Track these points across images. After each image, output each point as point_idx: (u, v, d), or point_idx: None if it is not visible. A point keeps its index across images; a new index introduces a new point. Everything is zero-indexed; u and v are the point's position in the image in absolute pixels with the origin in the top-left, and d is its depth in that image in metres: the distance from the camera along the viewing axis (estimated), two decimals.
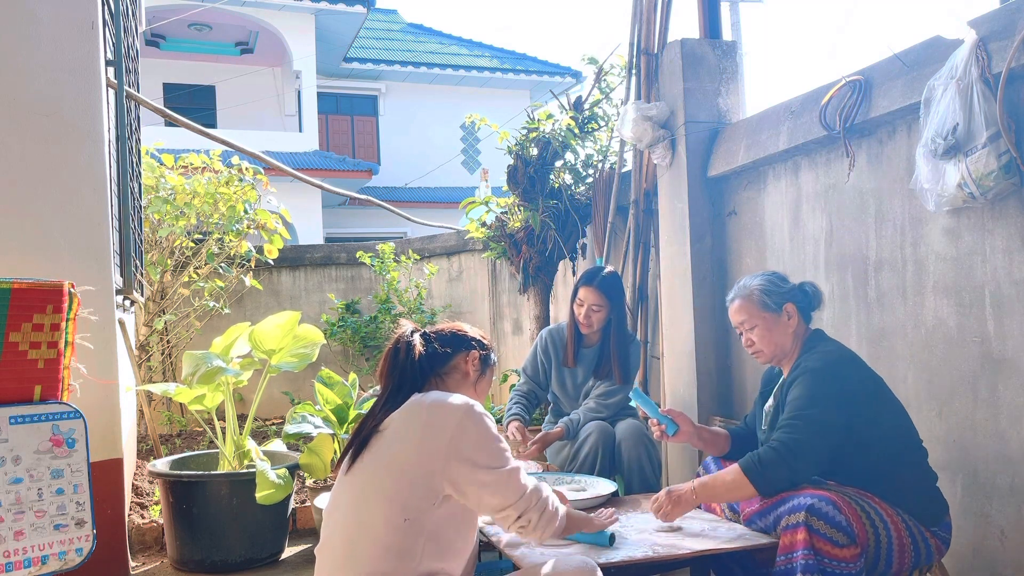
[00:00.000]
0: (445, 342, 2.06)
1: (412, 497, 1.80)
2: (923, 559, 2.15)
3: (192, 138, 6.24)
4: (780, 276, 2.47)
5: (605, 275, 3.32)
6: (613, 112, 4.70)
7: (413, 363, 1.99)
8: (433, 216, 9.28)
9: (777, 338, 2.39)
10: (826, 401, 2.18)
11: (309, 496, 4.02)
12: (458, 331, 2.11)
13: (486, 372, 2.12)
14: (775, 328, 2.39)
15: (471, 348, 2.08)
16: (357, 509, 1.84)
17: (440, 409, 1.86)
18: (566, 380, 3.45)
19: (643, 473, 3.13)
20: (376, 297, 7.03)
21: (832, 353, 2.29)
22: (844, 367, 2.26)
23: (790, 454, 2.14)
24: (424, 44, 18.29)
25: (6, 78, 2.93)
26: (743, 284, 2.47)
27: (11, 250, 2.91)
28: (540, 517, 1.89)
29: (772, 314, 2.39)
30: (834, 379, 2.22)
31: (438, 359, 2.03)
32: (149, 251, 5.52)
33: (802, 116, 3.10)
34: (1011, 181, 2.25)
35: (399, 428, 1.86)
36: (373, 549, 1.78)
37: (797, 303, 2.40)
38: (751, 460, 2.20)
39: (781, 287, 2.42)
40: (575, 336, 3.41)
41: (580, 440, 3.18)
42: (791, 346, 2.40)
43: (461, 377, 2.06)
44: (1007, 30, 2.24)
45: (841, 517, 2.03)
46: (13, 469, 1.87)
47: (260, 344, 3.65)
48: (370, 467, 1.86)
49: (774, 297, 2.40)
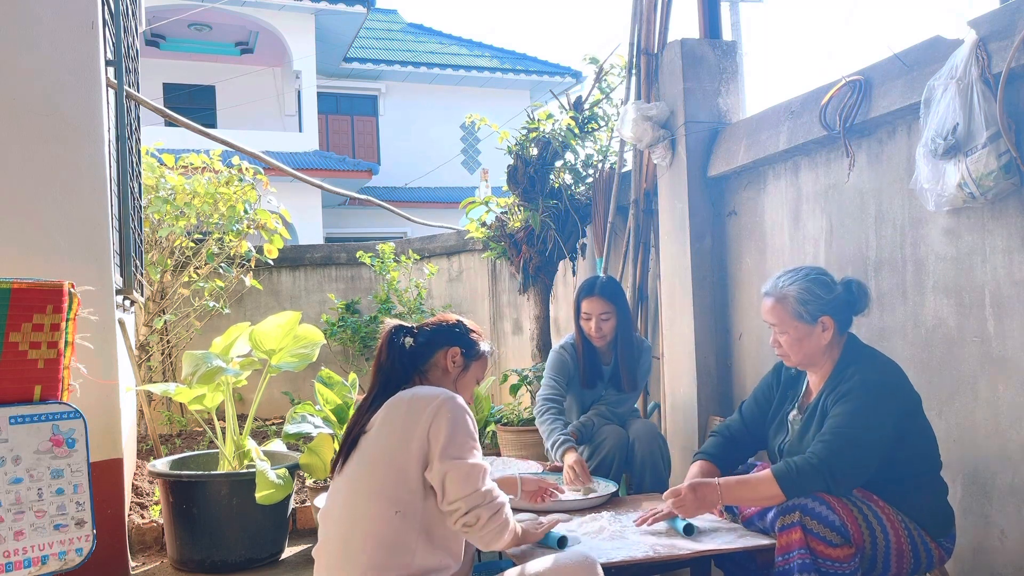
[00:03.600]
0: (426, 339, 2.05)
1: (400, 490, 1.82)
2: (924, 566, 2.14)
3: (192, 138, 6.25)
4: (826, 282, 2.26)
5: (604, 281, 3.24)
6: (613, 112, 4.70)
7: (395, 363, 2.00)
8: (433, 216, 9.28)
9: (807, 348, 2.25)
10: (878, 421, 2.09)
11: (309, 496, 4.02)
12: (442, 323, 2.09)
13: (470, 366, 2.08)
14: (806, 339, 2.24)
15: (452, 344, 2.06)
16: (350, 507, 1.86)
17: (419, 400, 1.88)
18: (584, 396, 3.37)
19: (656, 470, 3.13)
20: (376, 297, 7.03)
21: (885, 370, 2.19)
22: (898, 386, 2.16)
23: (829, 472, 2.06)
24: (424, 44, 18.28)
25: (6, 78, 2.93)
26: (781, 283, 2.28)
27: (11, 250, 2.91)
28: (489, 519, 1.83)
29: (805, 325, 2.23)
30: (887, 399, 2.12)
31: (419, 356, 2.03)
32: (149, 251, 5.52)
33: (802, 116, 3.10)
34: (1011, 181, 2.25)
35: (383, 424, 1.89)
36: (368, 545, 1.80)
37: (835, 315, 2.23)
38: (787, 469, 2.11)
39: (823, 297, 2.22)
40: (588, 354, 3.26)
41: (596, 444, 3.15)
42: (822, 356, 2.28)
43: (442, 373, 2.05)
44: (1007, 30, 2.24)
45: (834, 517, 2.03)
46: (13, 469, 1.87)
47: (260, 344, 3.65)
48: (359, 465, 1.89)
49: (811, 307, 2.22)
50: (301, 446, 4.07)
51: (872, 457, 2.10)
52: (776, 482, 2.10)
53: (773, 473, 2.12)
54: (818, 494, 2.08)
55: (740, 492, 2.20)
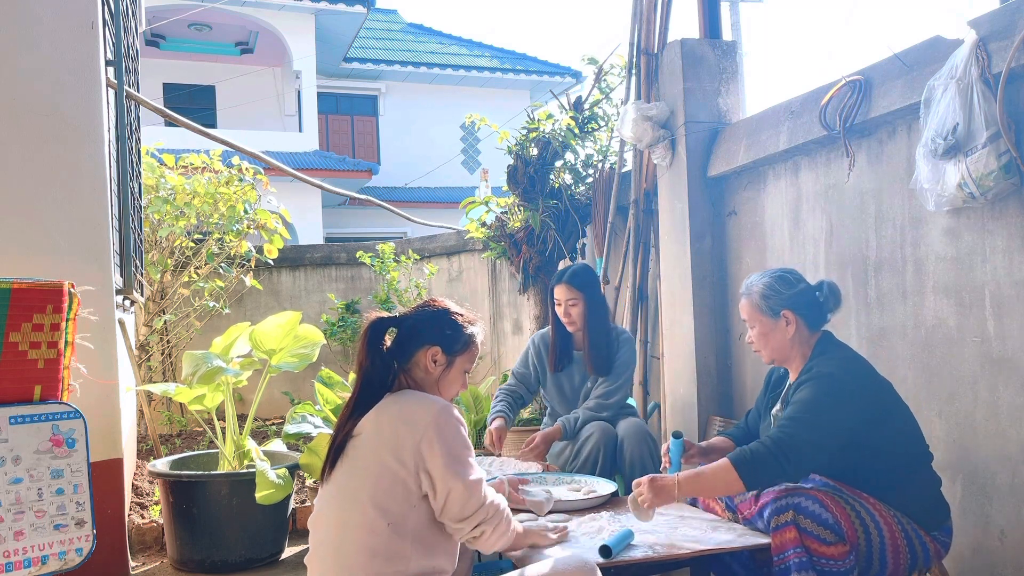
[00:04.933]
0: (406, 335, 1.96)
1: (390, 500, 1.80)
2: (920, 562, 2.14)
3: (192, 138, 6.25)
4: (788, 279, 2.35)
5: (574, 269, 3.35)
6: (613, 112, 4.71)
7: (374, 363, 1.92)
8: (433, 216, 9.28)
9: (773, 342, 2.33)
10: (830, 406, 2.14)
11: (309, 496, 4.02)
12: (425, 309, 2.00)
13: (455, 362, 1.98)
14: (771, 333, 2.33)
15: (432, 342, 1.95)
16: (341, 515, 1.84)
17: (411, 414, 1.84)
18: (563, 385, 3.42)
19: (646, 470, 3.12)
20: (376, 297, 7.03)
21: (843, 360, 2.24)
22: (853, 374, 2.20)
23: (781, 453, 2.10)
24: (424, 44, 18.28)
25: (6, 78, 2.93)
26: (751, 281, 2.39)
27: (11, 250, 2.91)
28: (494, 530, 1.87)
29: (769, 319, 2.32)
30: (842, 386, 2.16)
31: (399, 355, 1.96)
32: (149, 251, 5.52)
33: (802, 116, 3.10)
34: (1011, 181, 2.25)
35: (372, 433, 1.85)
36: (360, 555, 1.78)
37: (798, 310, 2.30)
38: (742, 454, 2.15)
39: (782, 292, 2.31)
40: (561, 339, 3.40)
41: (581, 440, 3.17)
42: (793, 351, 2.33)
43: (424, 374, 1.96)
44: (1007, 30, 2.24)
45: (828, 515, 2.04)
46: (13, 469, 1.87)
47: (260, 344, 3.65)
48: (348, 473, 1.86)
49: (771, 302, 2.32)
50: (301, 446, 4.07)
51: (827, 438, 2.12)
52: (734, 468, 2.12)
53: (730, 460, 2.15)
54: (811, 492, 2.09)
55: (699, 483, 2.20)
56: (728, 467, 2.15)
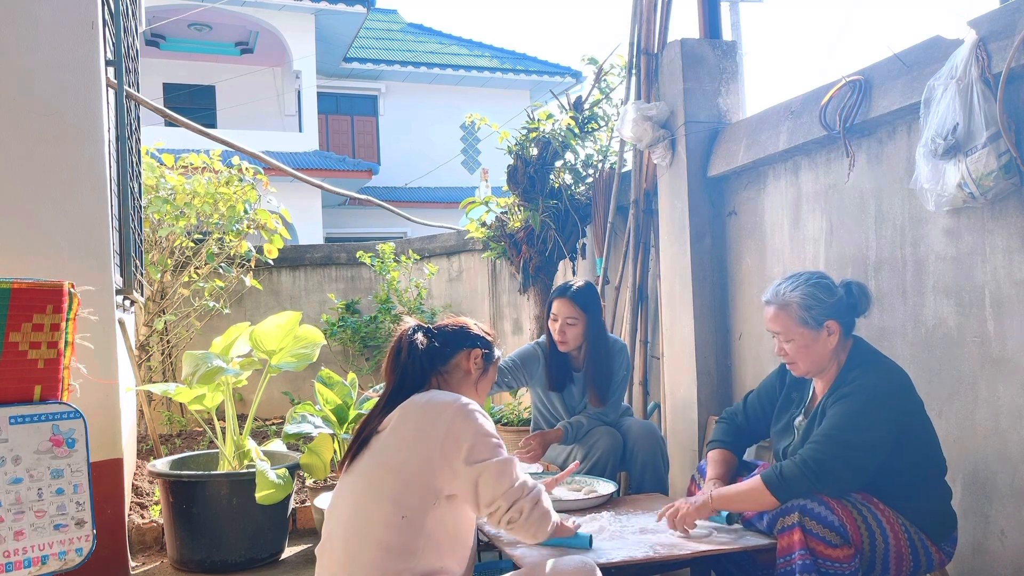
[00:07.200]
0: (446, 339, 2.03)
1: (409, 496, 1.81)
2: (923, 568, 2.13)
3: (192, 138, 6.24)
4: (828, 286, 2.23)
5: (579, 286, 3.15)
6: (613, 112, 4.70)
7: (414, 362, 1.98)
8: (433, 216, 9.28)
9: (814, 355, 2.23)
10: (869, 425, 2.07)
11: (309, 496, 4.02)
12: (461, 327, 2.08)
13: (488, 370, 2.09)
14: (813, 345, 2.21)
15: (474, 346, 2.05)
16: (356, 508, 1.85)
17: (433, 408, 1.86)
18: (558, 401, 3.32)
19: (656, 471, 3.13)
20: (376, 297, 7.03)
21: (886, 373, 2.17)
22: (898, 391, 2.14)
23: (813, 475, 2.06)
24: (424, 44, 18.28)
25: (6, 78, 2.93)
26: (782, 290, 2.25)
27: (11, 250, 2.90)
28: (532, 509, 1.84)
29: (811, 330, 2.20)
30: (885, 403, 2.10)
31: (439, 357, 2.02)
32: (149, 251, 5.52)
33: (802, 116, 3.10)
34: (1011, 181, 2.25)
35: (395, 428, 1.87)
36: (372, 548, 1.79)
37: (840, 318, 2.21)
38: (773, 474, 2.11)
39: (825, 301, 2.20)
40: (555, 357, 3.23)
41: (590, 444, 3.13)
42: (829, 361, 2.25)
43: (463, 375, 2.04)
44: (1007, 30, 2.24)
45: (833, 517, 2.03)
46: (13, 469, 1.87)
47: (260, 344, 3.65)
48: (368, 467, 1.88)
49: (815, 312, 2.19)
50: (301, 446, 4.07)
51: (865, 460, 2.08)
52: (766, 488, 2.11)
53: (763, 480, 2.13)
54: (816, 494, 2.08)
55: (731, 501, 2.22)
56: (761, 487, 2.13)
